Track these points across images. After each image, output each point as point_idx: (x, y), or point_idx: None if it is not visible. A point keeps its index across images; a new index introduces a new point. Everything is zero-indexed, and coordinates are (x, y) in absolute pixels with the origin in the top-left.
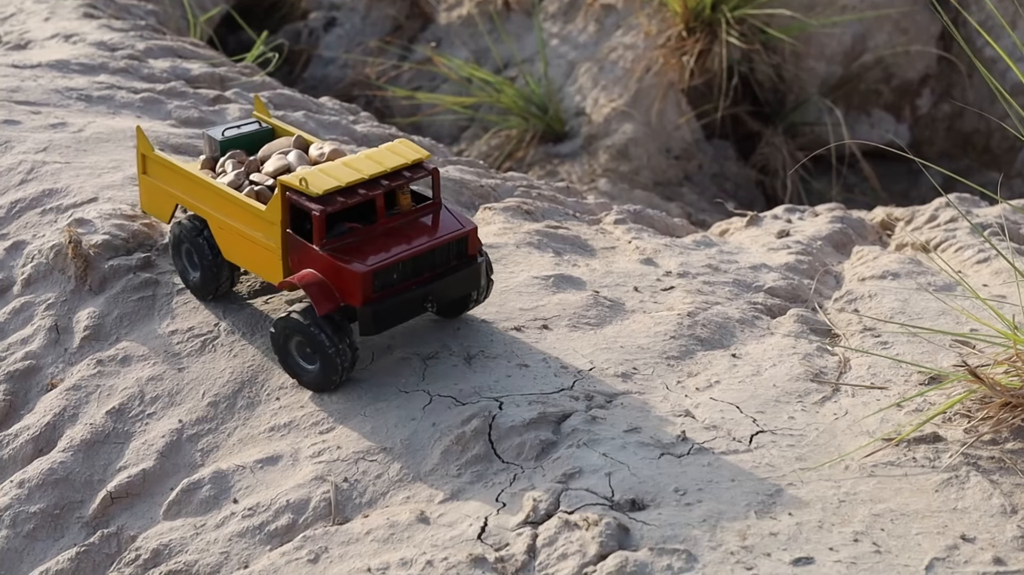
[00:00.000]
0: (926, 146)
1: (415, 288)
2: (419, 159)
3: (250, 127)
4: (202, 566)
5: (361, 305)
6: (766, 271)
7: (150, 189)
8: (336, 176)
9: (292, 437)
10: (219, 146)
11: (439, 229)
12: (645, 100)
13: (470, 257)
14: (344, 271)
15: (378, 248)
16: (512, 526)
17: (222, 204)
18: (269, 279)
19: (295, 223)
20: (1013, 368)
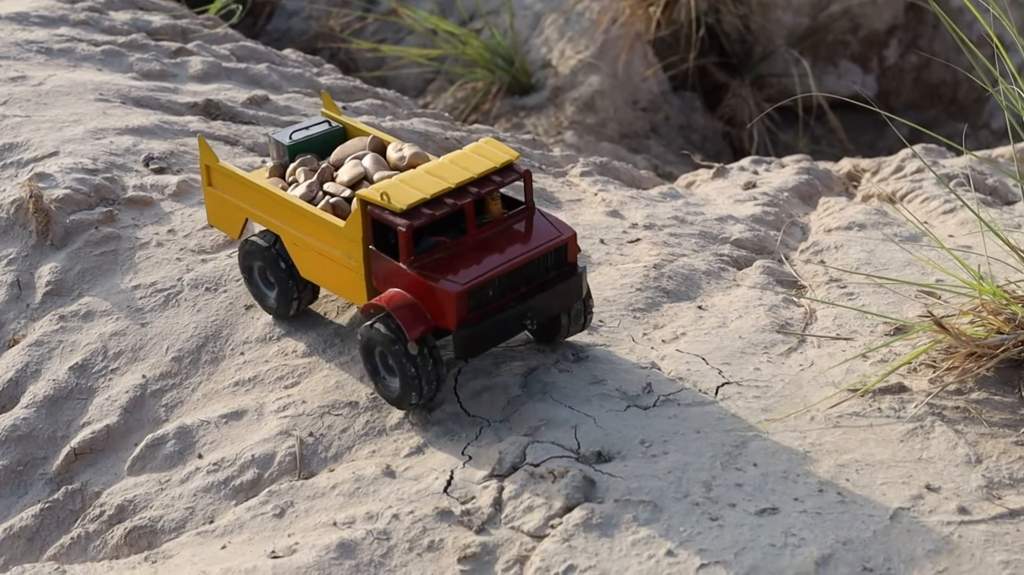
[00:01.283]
0: (893, 97)
1: (512, 305)
2: (508, 161)
3: (319, 127)
4: (167, 521)
5: (456, 328)
6: (732, 223)
7: (216, 202)
8: (420, 187)
9: (257, 392)
10: (287, 151)
11: (535, 237)
12: (611, 52)
13: (569, 267)
14: (435, 291)
15: (470, 263)
16: (478, 479)
17: (296, 219)
18: (353, 300)
19: (378, 239)
20: (978, 318)
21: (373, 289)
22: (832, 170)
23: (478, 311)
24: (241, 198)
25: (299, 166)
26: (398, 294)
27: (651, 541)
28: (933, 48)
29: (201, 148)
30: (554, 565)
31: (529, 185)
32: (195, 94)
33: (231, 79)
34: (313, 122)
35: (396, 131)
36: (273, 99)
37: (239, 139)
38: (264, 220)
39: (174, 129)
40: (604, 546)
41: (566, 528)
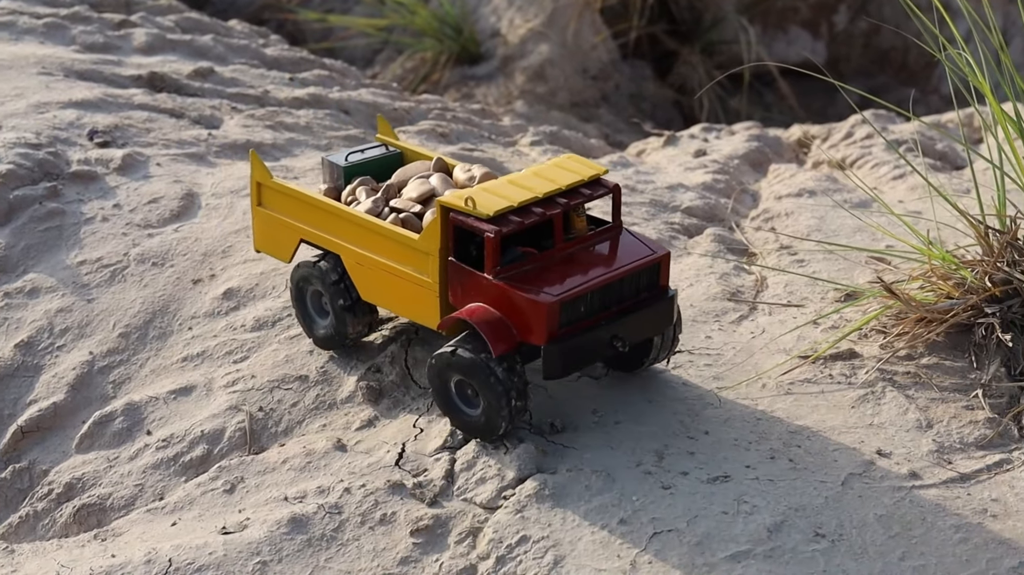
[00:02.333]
0: (843, 63)
1: (603, 324)
2: (596, 174)
3: (375, 151)
4: (116, 499)
5: (546, 343)
6: (683, 191)
7: (267, 223)
8: (506, 195)
9: (205, 367)
10: (343, 173)
11: (626, 254)
12: (560, 20)
13: (661, 289)
14: (525, 302)
15: (561, 276)
16: (430, 452)
17: (361, 236)
18: (423, 321)
19: (459, 249)
20: (928, 283)
21: (448, 307)
22: (782, 137)
23: (568, 327)
24: (297, 217)
25: (358, 186)
26: (481, 308)
27: (604, 510)
28: (882, 14)
29: (253, 164)
30: (507, 536)
31: (618, 201)
32: (139, 67)
33: (176, 51)
34: (369, 146)
35: (344, 102)
36: (219, 71)
37: (185, 112)
38: (323, 240)
39: (118, 102)
40: (557, 516)
41: (519, 499)
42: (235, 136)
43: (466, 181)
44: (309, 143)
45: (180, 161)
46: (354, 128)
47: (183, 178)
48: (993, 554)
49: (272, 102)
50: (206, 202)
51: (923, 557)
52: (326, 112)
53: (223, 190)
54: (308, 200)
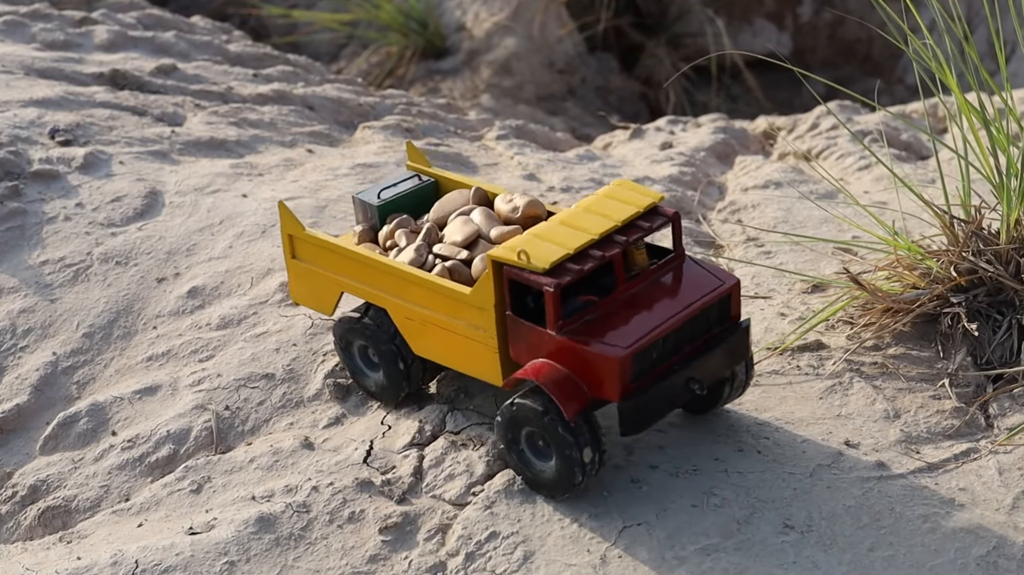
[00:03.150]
0: (808, 54)
1: (677, 368)
2: (652, 203)
3: (409, 183)
4: (81, 500)
5: (620, 399)
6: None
7: (303, 276)
8: (559, 242)
9: (171, 366)
10: (377, 212)
11: (694, 288)
12: (526, 14)
13: (733, 321)
14: (593, 358)
15: (627, 322)
16: (398, 449)
17: (408, 290)
18: (484, 377)
19: (516, 303)
20: (894, 274)
21: (510, 362)
22: (748, 129)
23: (642, 377)
24: (335, 270)
25: (396, 228)
26: (546, 365)
27: (573, 505)
28: (847, 5)
29: (282, 216)
30: (476, 533)
31: (678, 229)
32: (101, 64)
33: (138, 48)
34: (400, 178)
35: (309, 98)
36: (182, 68)
37: (148, 109)
38: (366, 293)
39: (80, 100)
40: (526, 512)
41: (488, 495)
42: (199, 133)
43: (509, 212)
44: (274, 139)
45: (143, 159)
46: (319, 124)
47: (146, 176)
48: (962, 543)
49: (236, 99)
50: (170, 200)
51: (892, 547)
52: (290, 108)
53: (187, 188)
54: (347, 253)
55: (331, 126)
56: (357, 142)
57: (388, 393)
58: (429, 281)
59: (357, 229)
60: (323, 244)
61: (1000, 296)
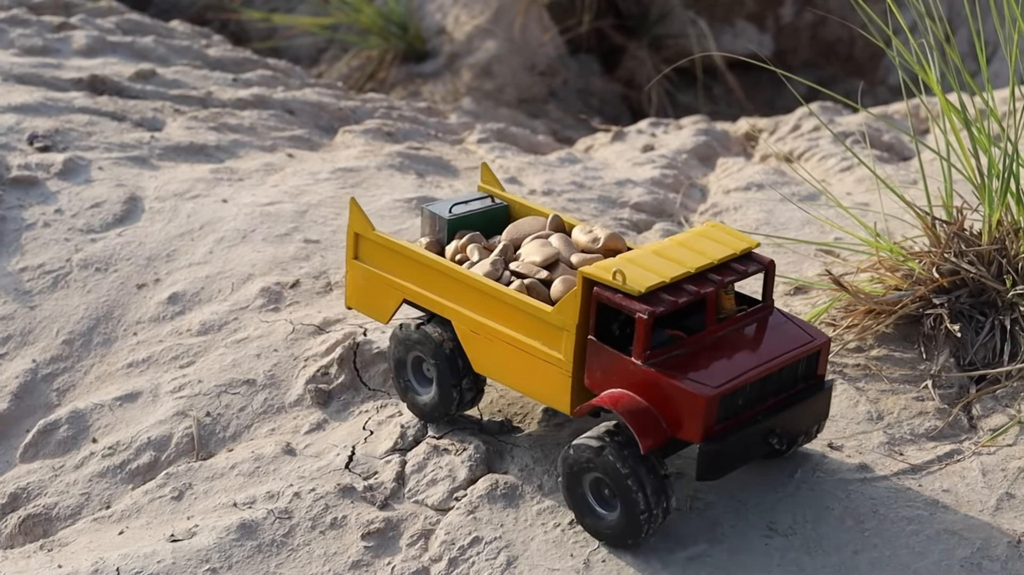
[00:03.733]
0: (790, 55)
1: (760, 419)
2: (748, 248)
3: (481, 203)
4: (62, 508)
5: (702, 441)
6: (631, 186)
7: (364, 278)
8: (655, 269)
9: (151, 372)
10: (447, 226)
11: (784, 340)
12: (507, 16)
13: (818, 379)
14: (680, 394)
15: (715, 364)
16: (380, 454)
17: (480, 302)
18: (548, 401)
19: (601, 328)
20: (876, 275)
21: (582, 389)
22: (730, 131)
23: (725, 422)
24: (401, 274)
25: (469, 242)
26: (625, 395)
27: (556, 510)
28: (828, 6)
29: (352, 213)
30: (459, 538)
31: (771, 278)
32: (80, 69)
33: (117, 53)
34: (472, 196)
35: (289, 102)
36: (161, 72)
37: (127, 114)
38: (432, 303)
39: (59, 106)
40: (509, 517)
41: (471, 500)
42: (178, 138)
43: (588, 243)
44: (254, 144)
45: (122, 164)
46: (299, 128)
47: (126, 182)
48: (946, 545)
49: (215, 103)
50: (149, 206)
51: (876, 550)
52: (271, 112)
53: (166, 193)
54: (417, 258)
55: (311, 130)
56: (338, 146)
57: (437, 410)
58: (507, 294)
59: (422, 241)
60: (392, 246)
61: (982, 297)
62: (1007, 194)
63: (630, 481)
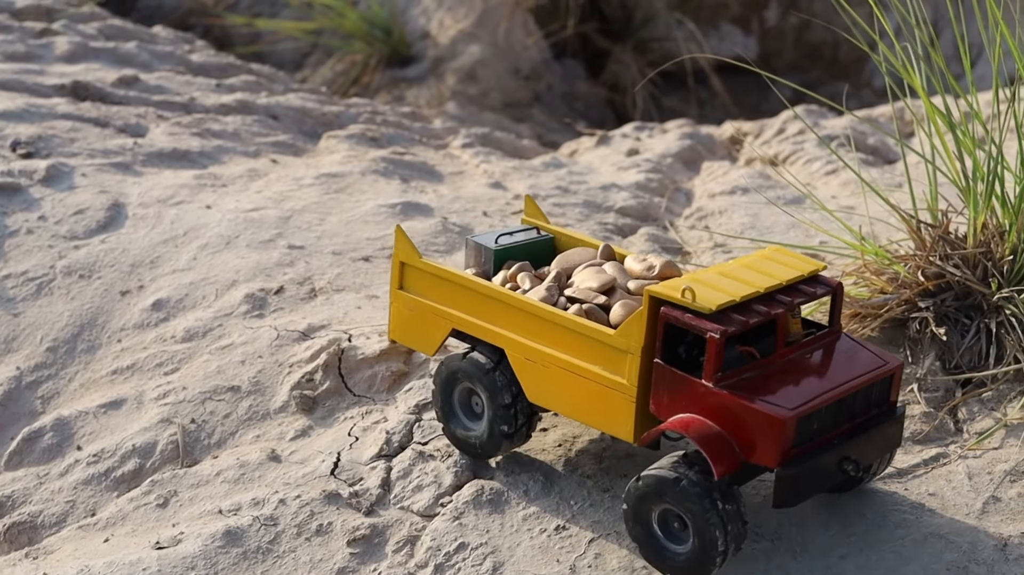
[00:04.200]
0: (775, 59)
1: (835, 444)
2: (816, 270)
3: (526, 234)
4: (47, 516)
5: (778, 466)
6: (616, 190)
7: (409, 309)
8: (725, 289)
9: (136, 379)
10: (493, 257)
11: (856, 363)
12: (491, 20)
13: (890, 405)
14: (755, 416)
15: (790, 385)
16: (365, 460)
17: (536, 328)
18: (610, 429)
19: (667, 350)
20: (862, 279)
21: (647, 416)
22: (715, 134)
23: (801, 447)
24: (451, 303)
25: (519, 271)
26: (696, 420)
27: (542, 516)
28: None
29: (397, 240)
30: (445, 544)
31: (839, 302)
32: (62, 75)
33: (99, 59)
34: (517, 228)
35: (272, 107)
36: (144, 78)
37: (110, 120)
38: (484, 331)
39: (41, 112)
40: (495, 523)
41: (456, 506)
42: (161, 144)
43: (643, 271)
44: (237, 150)
45: (106, 171)
46: (283, 133)
47: (109, 188)
48: (932, 549)
49: (199, 109)
50: (133, 212)
51: (863, 554)
52: (254, 118)
53: (150, 199)
54: (470, 285)
55: (295, 136)
56: (322, 151)
57: (489, 445)
58: (566, 319)
59: (468, 273)
60: (442, 274)
61: (968, 300)
62: (992, 197)
63: (707, 512)
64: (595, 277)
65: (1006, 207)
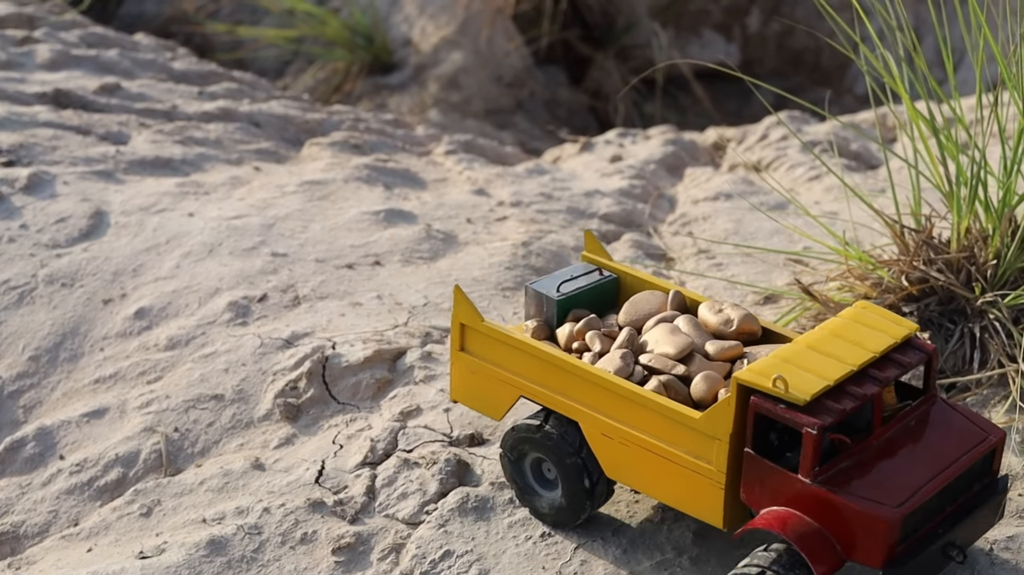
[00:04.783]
0: (757, 65)
1: (939, 532)
2: (908, 334)
3: (587, 278)
4: (30, 526)
5: (884, 566)
6: (600, 197)
7: (472, 372)
8: (816, 370)
9: (118, 388)
10: (556, 307)
11: (957, 438)
12: (473, 27)
13: (992, 476)
14: (857, 515)
15: (891, 475)
16: (350, 468)
17: (612, 404)
18: (698, 514)
19: (758, 440)
20: (845, 284)
21: (738, 504)
22: (698, 140)
23: (906, 541)
24: (517, 370)
25: (586, 328)
26: (793, 516)
27: (528, 523)
28: (795, 15)
29: (457, 301)
30: (430, 551)
31: (934, 366)
32: (44, 83)
33: (81, 67)
34: (578, 271)
35: (255, 115)
36: (126, 86)
37: (92, 128)
38: (554, 401)
39: (23, 120)
40: (480, 530)
41: (441, 514)
42: (143, 152)
43: (720, 325)
44: (220, 157)
45: (87, 179)
46: (265, 141)
47: (91, 196)
48: None
49: (181, 116)
50: (115, 220)
51: None
52: (236, 125)
53: (132, 207)
54: (537, 354)
55: (278, 143)
56: (304, 159)
57: (565, 515)
58: (645, 397)
59: (530, 325)
60: (506, 340)
61: (951, 305)
62: (975, 202)
63: None
64: (671, 340)
65: (989, 211)
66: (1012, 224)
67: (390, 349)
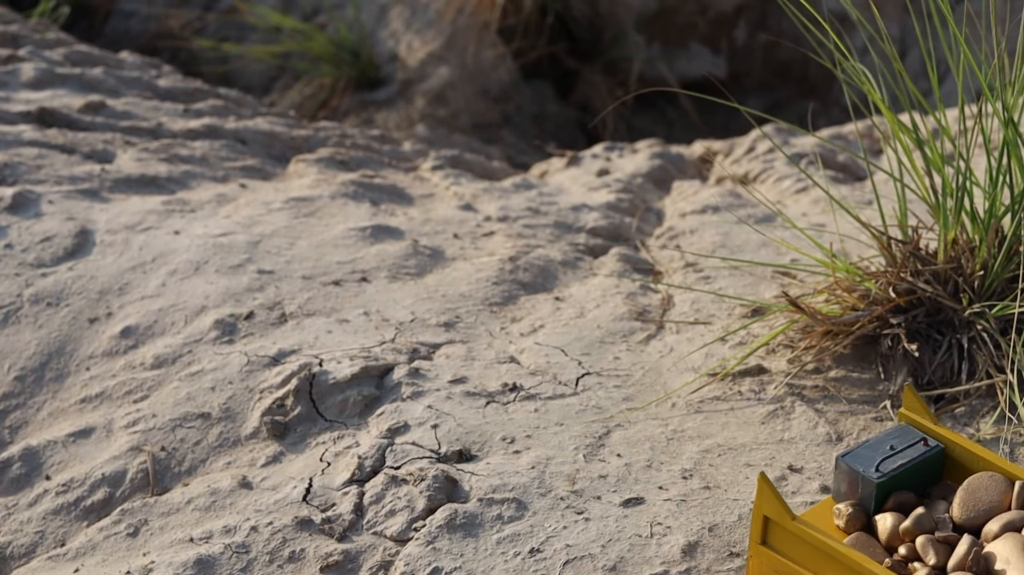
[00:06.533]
0: (744, 77)
1: None
2: None
3: (911, 450)
4: (16, 547)
5: None
6: (587, 211)
7: (776, 572)
8: None
9: (105, 408)
10: (875, 490)
11: None
12: (459, 42)
13: None
14: None
15: None
16: (337, 485)
17: None
18: None
19: None
20: (833, 296)
21: None
22: (685, 154)
23: None
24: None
25: (916, 529)
26: None
27: (516, 539)
28: (781, 27)
29: (761, 491)
30: (419, 569)
31: None
32: (28, 102)
33: (65, 85)
34: (901, 442)
35: (241, 132)
36: (111, 104)
37: (76, 147)
38: None
39: (7, 139)
40: (469, 546)
41: (430, 530)
42: (129, 170)
43: None
44: (206, 175)
45: (73, 198)
46: (251, 158)
47: (76, 215)
48: None
49: (166, 134)
50: (101, 239)
51: None
52: (222, 143)
53: (118, 226)
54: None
55: (264, 160)
56: (291, 175)
57: None
58: None
59: (843, 510)
60: (822, 546)
61: (939, 316)
62: (961, 212)
63: None
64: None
65: (976, 222)
66: (998, 235)
67: (377, 366)
